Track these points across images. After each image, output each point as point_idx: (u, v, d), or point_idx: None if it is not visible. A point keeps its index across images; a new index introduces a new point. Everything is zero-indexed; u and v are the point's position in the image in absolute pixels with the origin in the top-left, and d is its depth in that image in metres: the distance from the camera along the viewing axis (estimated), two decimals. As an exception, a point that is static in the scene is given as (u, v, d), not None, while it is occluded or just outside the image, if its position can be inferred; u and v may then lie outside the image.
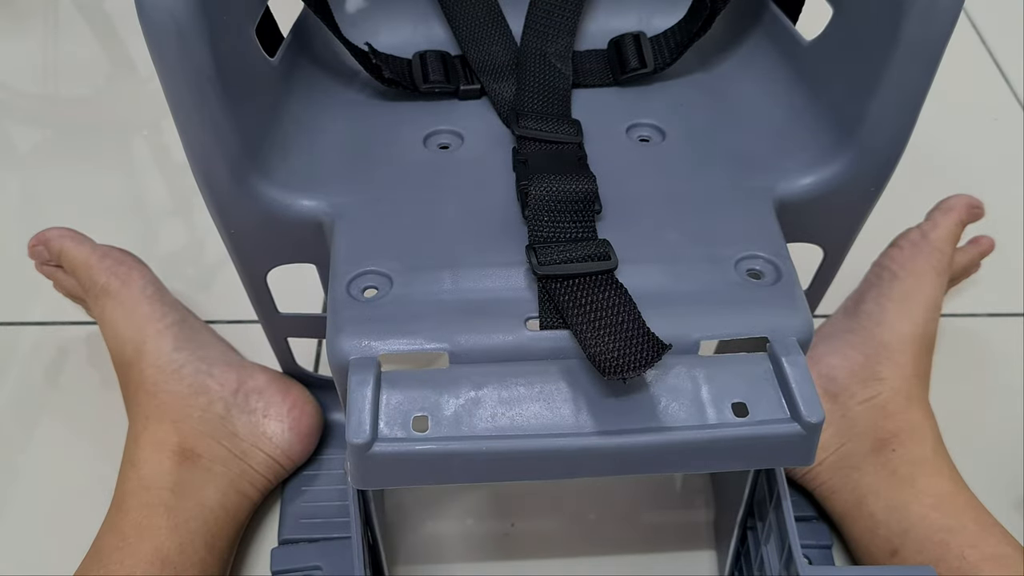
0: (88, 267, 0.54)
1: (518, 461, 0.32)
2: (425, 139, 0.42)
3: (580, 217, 0.36)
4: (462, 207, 0.38)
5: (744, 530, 0.45)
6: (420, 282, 0.35)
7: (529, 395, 0.32)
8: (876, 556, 0.46)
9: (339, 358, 0.33)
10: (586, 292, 0.33)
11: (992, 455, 0.55)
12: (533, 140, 0.40)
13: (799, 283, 0.36)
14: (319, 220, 0.39)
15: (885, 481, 0.47)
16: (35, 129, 0.78)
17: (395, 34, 0.46)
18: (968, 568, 0.42)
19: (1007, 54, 0.86)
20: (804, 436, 0.32)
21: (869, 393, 0.50)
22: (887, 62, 0.35)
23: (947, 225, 0.56)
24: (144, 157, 0.75)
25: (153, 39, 0.32)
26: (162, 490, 0.46)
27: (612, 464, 0.32)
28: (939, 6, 0.34)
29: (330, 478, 0.53)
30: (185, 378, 0.50)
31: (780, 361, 0.33)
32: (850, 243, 0.44)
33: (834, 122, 0.39)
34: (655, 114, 0.43)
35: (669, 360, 0.33)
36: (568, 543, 0.51)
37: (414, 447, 0.31)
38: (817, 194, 0.39)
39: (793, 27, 0.43)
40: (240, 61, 0.37)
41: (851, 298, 0.56)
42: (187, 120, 0.35)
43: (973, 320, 0.63)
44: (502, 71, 0.44)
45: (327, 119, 0.42)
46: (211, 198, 0.38)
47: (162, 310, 0.53)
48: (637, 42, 0.45)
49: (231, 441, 0.49)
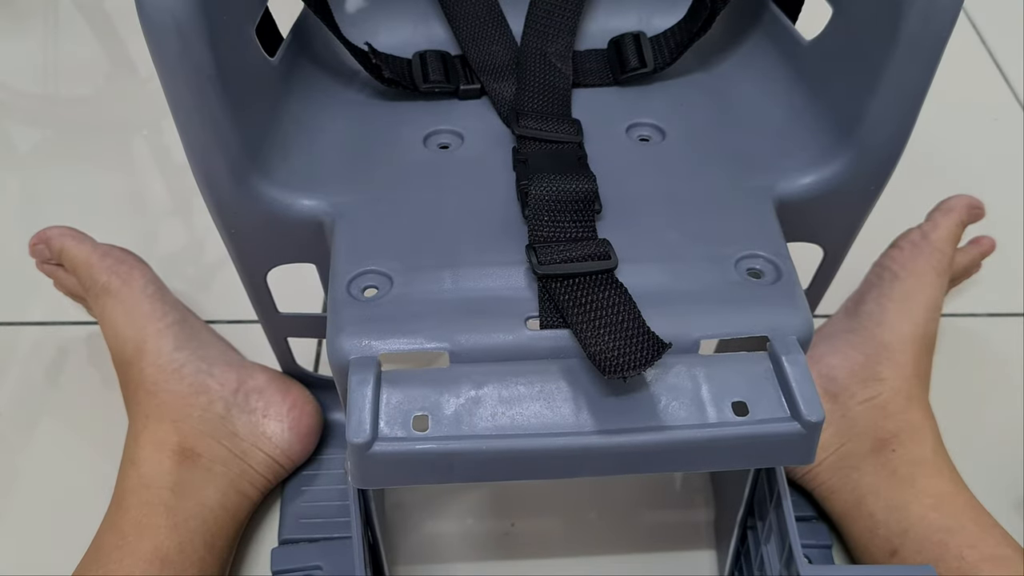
0: (89, 266, 0.54)
1: (518, 460, 0.32)
2: (425, 139, 0.42)
3: (580, 217, 0.36)
4: (462, 207, 0.38)
5: (744, 529, 0.45)
6: (420, 282, 0.35)
7: (529, 394, 0.32)
8: (875, 556, 0.46)
9: (339, 357, 0.33)
10: (586, 291, 0.33)
11: (992, 455, 0.55)
12: (533, 140, 0.40)
13: (799, 282, 0.36)
14: (319, 220, 0.39)
15: (885, 481, 0.47)
16: (35, 129, 0.78)
17: (395, 34, 0.46)
18: (967, 568, 0.43)
19: (1007, 54, 0.86)
20: (804, 435, 0.32)
21: (869, 393, 0.50)
22: (887, 62, 0.35)
23: (947, 226, 0.56)
24: (144, 157, 0.75)
25: (153, 39, 0.32)
26: (162, 489, 0.46)
27: (612, 463, 0.32)
28: (938, 6, 0.34)
29: (330, 478, 0.53)
30: (185, 377, 0.50)
31: (780, 360, 0.33)
32: (850, 243, 0.44)
33: (834, 122, 0.39)
34: (655, 114, 0.43)
35: (669, 359, 0.33)
36: (568, 543, 0.51)
37: (414, 446, 0.31)
38: (817, 193, 0.39)
39: (793, 27, 0.43)
40: (240, 61, 0.37)
41: (851, 298, 0.56)
42: (187, 120, 0.35)
43: (973, 320, 0.63)
44: (502, 71, 0.44)
45: (327, 119, 0.42)
46: (211, 198, 0.38)
47: (163, 309, 0.53)
48: (637, 42, 0.45)
49: (231, 441, 0.49)
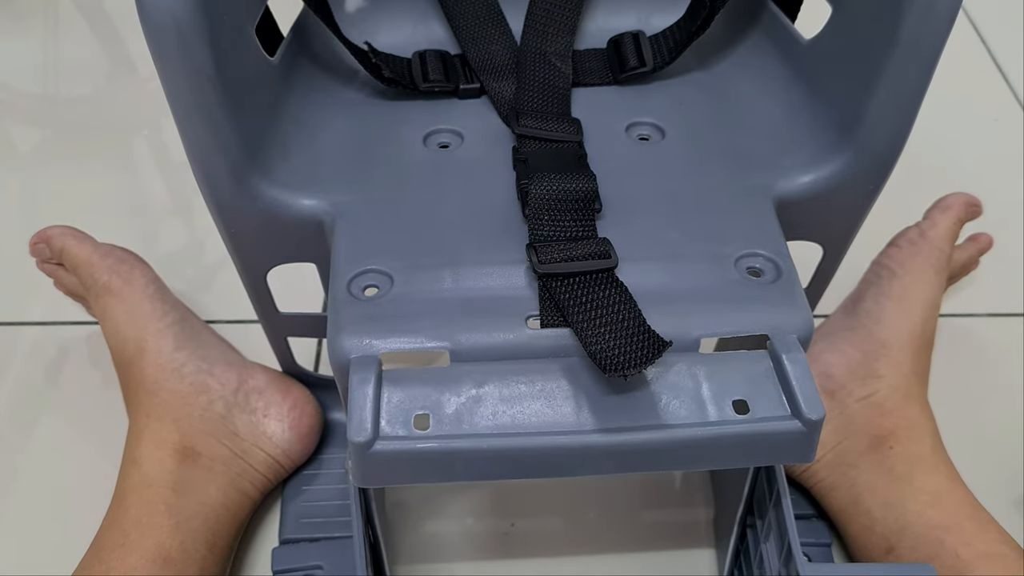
0: (90, 265, 0.54)
1: (519, 459, 0.32)
2: (425, 138, 0.42)
3: (580, 216, 0.36)
4: (462, 206, 0.38)
5: (744, 528, 0.45)
6: (421, 281, 0.35)
7: (530, 393, 0.32)
8: (872, 553, 0.46)
9: (340, 357, 0.33)
10: (586, 290, 0.33)
11: (991, 454, 0.55)
12: (533, 139, 0.40)
13: (799, 281, 0.36)
14: (319, 219, 0.39)
15: (882, 478, 0.47)
16: (35, 129, 0.78)
17: (395, 33, 0.46)
18: (961, 566, 0.43)
19: (1007, 54, 0.86)
20: (805, 433, 0.32)
21: (867, 390, 0.50)
22: (886, 61, 0.35)
23: (945, 223, 0.56)
24: (144, 157, 0.75)
25: (153, 39, 0.32)
26: (163, 488, 0.46)
27: (613, 462, 0.32)
28: (938, 5, 0.34)
29: (330, 477, 0.53)
30: (186, 377, 0.50)
31: (780, 358, 0.33)
32: (849, 241, 0.44)
33: (833, 120, 0.39)
34: (655, 113, 0.43)
35: (670, 357, 0.33)
36: (568, 542, 0.51)
37: (415, 445, 0.31)
38: (816, 192, 0.39)
39: (792, 26, 0.44)
40: (240, 61, 0.37)
41: (850, 297, 0.56)
42: (187, 120, 0.35)
43: (972, 320, 0.63)
44: (502, 70, 0.44)
45: (327, 118, 0.43)
46: (211, 198, 0.38)
47: (163, 309, 0.53)
48: (636, 41, 0.45)
49: (231, 440, 0.49)
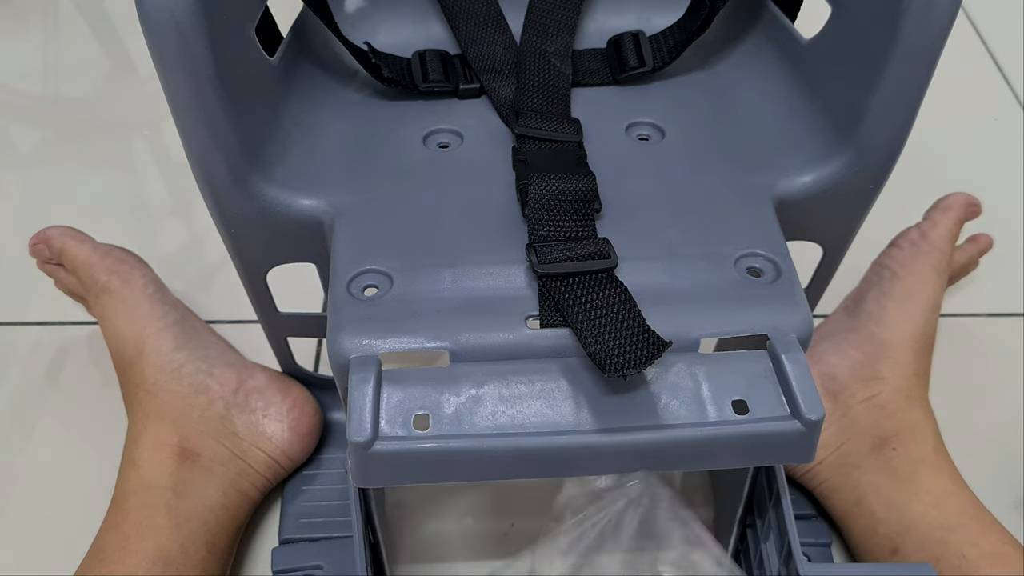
0: (89, 265, 0.54)
1: (519, 459, 0.32)
2: (425, 138, 0.42)
3: (580, 216, 0.36)
4: (462, 206, 0.38)
5: (743, 528, 0.45)
6: (420, 281, 0.35)
7: (530, 393, 0.32)
8: (876, 554, 0.46)
9: (340, 357, 0.33)
10: (586, 290, 0.33)
11: (992, 455, 0.55)
12: (533, 139, 0.40)
13: (799, 281, 0.36)
14: (319, 219, 0.39)
15: (885, 480, 0.47)
16: (35, 129, 0.78)
17: (394, 33, 0.46)
18: (968, 566, 0.43)
19: (1007, 54, 0.86)
20: (804, 433, 0.32)
21: (869, 392, 0.50)
22: (886, 61, 0.35)
23: (946, 224, 0.56)
24: (144, 157, 0.75)
25: (153, 39, 0.32)
26: (163, 489, 0.46)
27: (613, 462, 0.32)
28: (938, 5, 0.34)
29: (330, 478, 0.53)
30: (185, 377, 0.50)
31: (780, 358, 0.33)
32: (849, 241, 0.44)
33: (833, 120, 0.39)
34: (654, 113, 0.43)
35: (669, 357, 0.33)
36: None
37: (415, 445, 0.31)
38: (816, 192, 0.39)
39: (792, 26, 0.44)
40: (240, 61, 0.37)
41: (851, 297, 0.56)
42: (187, 120, 0.35)
43: (973, 320, 0.63)
44: (502, 70, 0.44)
45: (327, 119, 0.43)
46: (211, 198, 0.38)
47: (163, 309, 0.53)
48: (636, 41, 0.45)
49: (231, 440, 0.49)
